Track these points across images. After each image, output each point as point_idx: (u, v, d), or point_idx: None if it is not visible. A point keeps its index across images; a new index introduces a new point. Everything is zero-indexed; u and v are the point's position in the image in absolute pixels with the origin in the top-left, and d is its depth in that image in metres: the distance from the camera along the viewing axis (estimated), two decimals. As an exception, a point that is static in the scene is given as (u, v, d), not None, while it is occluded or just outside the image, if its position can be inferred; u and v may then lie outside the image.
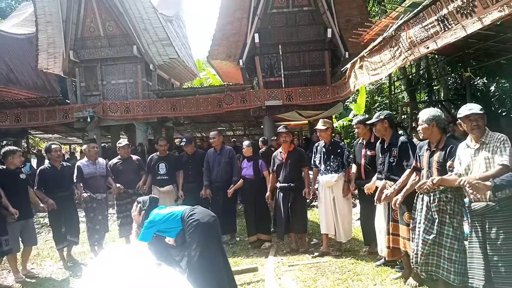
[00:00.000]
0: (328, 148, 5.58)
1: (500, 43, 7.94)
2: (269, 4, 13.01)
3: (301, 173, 5.83)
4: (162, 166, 6.73)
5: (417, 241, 3.80)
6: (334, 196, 5.45)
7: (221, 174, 6.52)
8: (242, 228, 7.60)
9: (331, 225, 5.46)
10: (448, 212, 3.65)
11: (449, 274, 3.58)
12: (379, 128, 4.54)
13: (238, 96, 12.97)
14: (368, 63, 7.61)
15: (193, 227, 3.59)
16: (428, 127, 3.79)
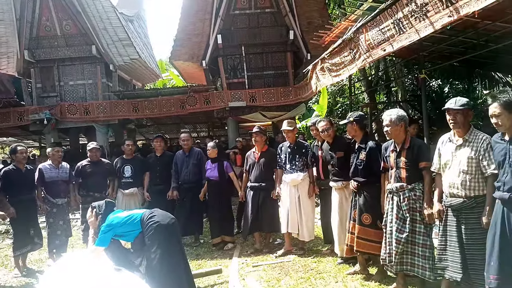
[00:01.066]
0: (293, 148, 5.66)
1: (452, 46, 8.28)
2: (232, 5, 13.01)
3: (272, 173, 5.88)
4: (127, 169, 6.60)
5: (390, 241, 3.86)
6: (299, 195, 5.51)
7: (189, 176, 6.47)
8: (207, 230, 7.56)
9: (295, 224, 5.51)
10: (418, 209, 3.74)
11: (425, 271, 3.68)
12: (349, 130, 4.63)
13: (202, 97, 12.88)
14: (329, 64, 7.75)
15: (153, 229, 3.56)
16: (397, 128, 3.84)
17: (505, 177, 3.00)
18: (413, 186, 3.76)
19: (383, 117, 4.04)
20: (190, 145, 6.71)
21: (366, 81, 14.32)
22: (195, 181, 6.44)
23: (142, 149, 13.67)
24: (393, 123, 3.84)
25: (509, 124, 3.01)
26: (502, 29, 6.68)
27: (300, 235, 5.56)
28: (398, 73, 14.40)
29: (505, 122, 3.01)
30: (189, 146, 6.65)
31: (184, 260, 3.82)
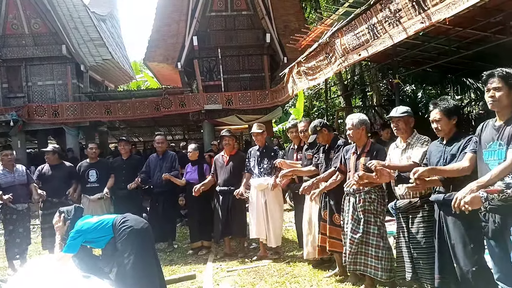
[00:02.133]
0: (262, 151, 5.64)
1: (425, 52, 8.46)
2: (208, 7, 12.90)
3: (241, 177, 5.80)
4: (92, 173, 6.36)
5: (345, 241, 4.00)
6: (266, 199, 5.46)
7: (161, 180, 6.32)
8: (181, 235, 7.44)
9: (262, 230, 5.46)
10: (372, 211, 3.88)
11: (377, 271, 3.79)
12: (321, 138, 4.66)
13: (177, 99, 12.70)
14: (305, 68, 7.76)
15: (126, 234, 3.45)
16: (358, 131, 4.00)
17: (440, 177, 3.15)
18: (369, 188, 3.88)
19: (346, 121, 4.16)
20: (165, 148, 6.58)
21: (342, 85, 14.49)
22: (168, 185, 6.30)
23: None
24: (354, 126, 4.00)
25: (447, 129, 3.19)
26: (472, 36, 6.86)
27: (267, 241, 5.50)
28: (373, 78, 14.64)
29: (444, 127, 3.19)
30: (163, 148, 6.52)
31: (158, 266, 3.74)
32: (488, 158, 2.75)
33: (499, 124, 2.73)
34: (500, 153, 2.67)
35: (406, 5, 4.21)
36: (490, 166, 2.71)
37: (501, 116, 2.73)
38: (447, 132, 3.20)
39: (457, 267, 3.05)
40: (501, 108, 2.70)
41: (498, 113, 2.75)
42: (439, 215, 3.19)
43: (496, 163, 2.67)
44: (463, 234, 2.99)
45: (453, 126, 3.20)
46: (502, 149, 2.65)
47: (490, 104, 2.73)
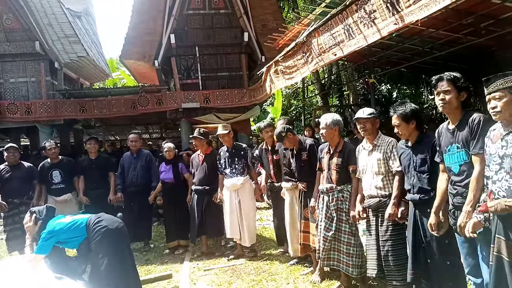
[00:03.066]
0: (231, 151, 5.62)
1: (400, 53, 8.64)
2: (185, 5, 12.79)
3: (217, 176, 5.79)
4: (55, 174, 6.15)
5: (319, 238, 4.08)
6: (240, 199, 5.48)
7: (136, 178, 6.25)
8: (157, 234, 7.38)
9: (236, 229, 5.47)
10: (344, 210, 3.98)
11: (348, 267, 3.90)
12: (288, 143, 4.70)
13: (154, 98, 12.55)
14: (282, 67, 7.81)
15: (100, 234, 3.40)
16: (332, 131, 4.07)
17: (413, 180, 3.26)
18: (342, 187, 3.99)
19: (320, 121, 4.21)
20: (139, 147, 6.49)
21: (320, 84, 14.65)
22: (143, 184, 6.23)
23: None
24: (328, 126, 4.07)
25: (408, 132, 3.29)
26: (445, 37, 7.04)
27: (242, 240, 5.52)
28: (349, 77, 14.84)
29: (404, 131, 3.29)
30: (137, 147, 6.43)
31: (133, 266, 3.69)
32: (450, 161, 2.86)
33: (452, 127, 2.85)
34: (460, 155, 2.77)
35: (380, 6, 4.29)
36: (453, 168, 2.82)
37: (453, 119, 2.85)
38: (408, 135, 3.30)
39: (431, 262, 3.14)
40: (451, 110, 2.81)
41: (449, 115, 2.87)
42: (415, 213, 3.27)
43: (457, 166, 2.78)
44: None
45: (412, 129, 3.28)
46: (461, 151, 2.76)
47: (441, 107, 2.84)
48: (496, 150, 2.40)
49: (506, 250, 2.32)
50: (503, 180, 2.33)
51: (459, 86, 2.76)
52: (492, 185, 2.41)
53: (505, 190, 2.32)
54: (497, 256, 2.38)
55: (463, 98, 2.78)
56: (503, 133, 2.39)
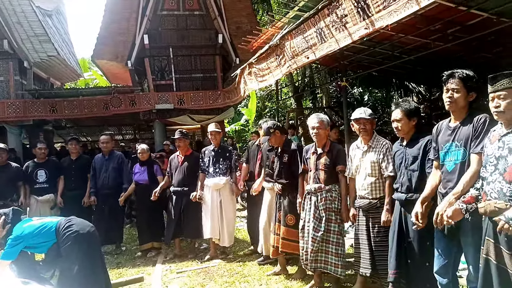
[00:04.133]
0: (217, 151, 5.63)
1: (371, 57, 8.80)
2: (159, 6, 12.70)
3: (196, 178, 5.77)
4: (41, 174, 6.08)
5: (307, 239, 4.02)
6: (221, 199, 5.49)
7: (108, 180, 6.15)
8: (129, 236, 7.28)
9: (216, 229, 5.47)
10: (333, 209, 3.96)
11: (337, 268, 3.88)
12: (273, 140, 4.70)
13: (127, 98, 12.40)
14: (256, 69, 7.84)
15: (71, 239, 3.32)
16: (326, 131, 4.07)
17: (402, 178, 3.28)
18: (330, 187, 3.98)
19: (310, 119, 4.18)
20: (110, 148, 6.40)
21: (293, 87, 14.75)
22: (115, 186, 6.14)
23: (60, 152, 12.80)
24: (324, 125, 4.05)
25: (407, 129, 3.28)
26: (414, 42, 7.22)
27: (221, 240, 5.53)
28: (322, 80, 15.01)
29: (404, 127, 3.26)
30: (109, 148, 6.34)
31: (104, 270, 3.63)
32: (445, 159, 2.81)
33: (454, 125, 2.78)
34: (457, 153, 2.71)
35: (351, 11, 4.37)
36: (448, 166, 2.78)
37: (457, 117, 2.77)
38: (407, 132, 3.28)
39: (411, 262, 3.19)
40: (457, 109, 2.74)
41: (453, 113, 2.79)
42: (400, 213, 3.29)
43: (452, 164, 2.73)
44: (421, 232, 3.08)
45: (412, 127, 3.27)
46: (458, 150, 2.71)
47: (447, 104, 2.75)
48: (493, 151, 2.35)
49: (494, 253, 2.30)
50: (496, 182, 2.29)
51: (469, 85, 2.67)
52: (486, 186, 2.37)
53: (497, 192, 2.28)
54: (485, 259, 2.36)
55: (471, 99, 2.71)
56: (501, 134, 2.34)
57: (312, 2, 5.89)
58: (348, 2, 4.31)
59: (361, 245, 3.74)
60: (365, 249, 3.69)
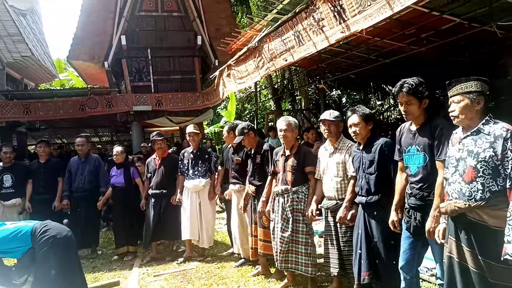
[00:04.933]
0: (196, 153, 5.63)
1: (349, 60, 8.94)
2: (137, 7, 12.54)
3: (174, 180, 5.76)
4: (7, 178, 5.93)
5: (276, 240, 4.08)
6: (201, 201, 5.49)
7: (83, 183, 6.04)
8: (106, 240, 7.17)
9: (195, 231, 5.47)
10: (300, 210, 4.02)
11: (307, 268, 3.95)
12: (247, 141, 4.74)
13: (104, 100, 12.17)
14: (235, 71, 7.85)
15: (48, 244, 3.23)
16: (294, 133, 4.13)
17: (361, 182, 3.39)
18: (297, 188, 4.04)
19: (279, 122, 4.26)
20: (86, 150, 6.29)
21: (272, 89, 14.80)
22: (91, 189, 6.05)
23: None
24: (291, 128, 4.12)
25: (365, 133, 3.40)
26: (390, 46, 7.38)
27: (200, 242, 5.53)
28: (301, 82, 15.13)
29: (362, 131, 3.39)
30: (85, 151, 6.23)
31: (81, 275, 3.56)
32: (408, 162, 2.92)
33: (414, 129, 2.91)
34: (418, 157, 2.83)
35: (328, 15, 4.43)
36: (411, 169, 2.89)
37: (416, 122, 2.90)
38: (364, 136, 3.40)
39: (379, 262, 3.27)
40: (415, 118, 2.88)
41: (413, 120, 2.93)
42: (364, 215, 3.39)
43: (415, 167, 2.85)
44: (385, 232, 3.20)
45: (369, 131, 3.40)
46: (419, 154, 2.81)
47: (405, 116, 2.91)
48: (454, 153, 2.46)
49: (456, 251, 2.41)
50: (456, 183, 2.39)
51: (419, 96, 2.78)
52: (447, 186, 2.49)
53: (457, 192, 2.38)
54: (448, 256, 2.47)
55: (425, 105, 2.81)
56: (461, 136, 2.45)
57: (290, 5, 5.93)
58: (325, 6, 4.37)
59: (329, 245, 3.82)
60: (333, 249, 3.78)
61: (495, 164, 2.24)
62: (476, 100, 2.36)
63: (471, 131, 2.38)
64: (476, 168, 2.28)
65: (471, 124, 2.40)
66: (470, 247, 2.32)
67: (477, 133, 2.35)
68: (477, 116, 2.38)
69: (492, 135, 2.28)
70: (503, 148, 2.21)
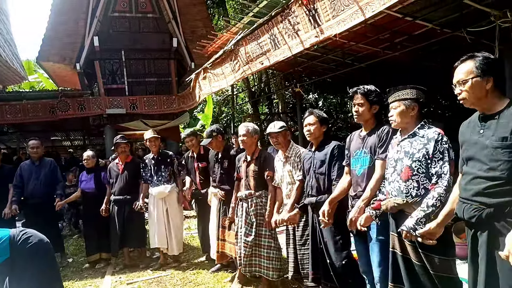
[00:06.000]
0: (157, 159, 5.54)
1: (325, 63, 9.00)
2: (110, 7, 12.29)
3: (138, 185, 5.62)
4: None
5: (240, 244, 4.13)
6: (168, 207, 5.41)
7: (39, 188, 5.73)
8: (77, 247, 6.95)
9: (163, 238, 5.38)
10: (264, 214, 4.06)
11: (269, 271, 4.01)
12: (214, 144, 4.71)
13: (75, 102, 11.88)
14: (211, 74, 7.78)
15: (32, 253, 3.03)
16: (252, 139, 4.18)
17: (311, 182, 3.49)
18: (260, 193, 4.11)
19: (239, 129, 4.31)
20: (41, 154, 5.99)
21: (250, 92, 14.79)
22: (48, 194, 5.76)
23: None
24: (249, 134, 4.16)
25: (318, 134, 3.51)
26: (365, 50, 7.46)
27: (169, 249, 5.44)
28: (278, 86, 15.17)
29: (316, 131, 3.49)
30: (39, 154, 5.92)
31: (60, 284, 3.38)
32: (355, 165, 3.07)
33: (364, 134, 3.07)
34: (365, 160, 2.99)
35: (303, 19, 4.44)
36: (357, 171, 3.03)
37: (366, 128, 3.07)
38: (317, 137, 3.50)
39: (329, 262, 3.35)
40: (364, 121, 3.04)
41: (363, 125, 3.09)
42: (312, 216, 3.48)
43: (361, 169, 2.99)
44: (333, 233, 3.32)
45: (322, 133, 3.52)
46: (366, 157, 2.98)
47: (355, 117, 3.05)
48: (393, 155, 2.66)
49: (399, 245, 2.58)
50: (395, 181, 2.61)
51: (371, 99, 2.96)
52: (387, 185, 2.69)
53: (396, 190, 2.59)
54: (392, 252, 2.64)
55: (375, 111, 2.99)
56: (400, 139, 2.66)
57: (266, 9, 5.92)
58: (301, 10, 4.37)
59: (288, 248, 3.91)
60: (290, 252, 3.86)
61: (427, 163, 2.47)
62: (411, 106, 2.59)
63: (408, 134, 2.61)
64: (412, 167, 2.51)
65: (408, 127, 2.62)
66: (411, 241, 2.48)
67: (413, 136, 2.58)
68: (413, 121, 2.61)
69: (425, 137, 2.52)
70: (434, 149, 2.46)
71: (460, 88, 2.11)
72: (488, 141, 2.00)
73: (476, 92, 2.05)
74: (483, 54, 2.08)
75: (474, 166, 2.07)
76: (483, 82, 2.03)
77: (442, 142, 2.45)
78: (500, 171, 1.93)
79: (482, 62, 2.05)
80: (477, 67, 2.05)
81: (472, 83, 2.05)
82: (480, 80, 2.04)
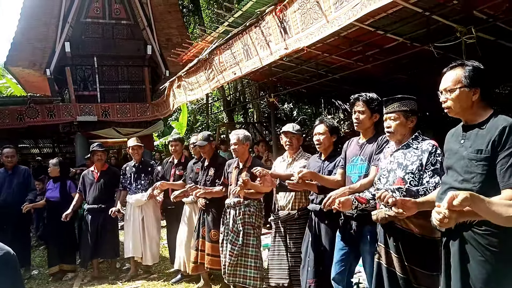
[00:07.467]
0: (138, 167, 5.46)
1: (299, 74, 9.08)
2: (83, 13, 12.07)
3: (113, 194, 5.50)
4: None
5: (225, 253, 4.03)
6: (144, 216, 5.31)
7: (12, 197, 5.56)
8: (43, 259, 6.70)
9: (138, 247, 5.27)
10: (251, 223, 4.01)
11: (256, 281, 3.91)
12: (206, 148, 4.63)
13: (45, 109, 11.55)
14: (185, 83, 7.73)
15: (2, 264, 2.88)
16: (244, 146, 4.11)
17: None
18: (249, 202, 4.03)
19: (230, 136, 4.24)
20: (15, 162, 5.82)
21: (225, 101, 14.76)
22: (19, 204, 5.54)
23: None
24: (240, 141, 4.10)
25: (328, 143, 3.46)
26: (338, 62, 7.57)
27: (143, 259, 5.31)
28: (253, 95, 15.22)
29: (325, 141, 3.44)
30: (13, 163, 5.75)
31: None
32: (351, 171, 3.04)
33: (362, 141, 3.05)
34: (361, 167, 2.96)
35: (275, 30, 4.47)
36: (352, 178, 2.99)
37: (364, 135, 3.06)
38: (327, 147, 3.45)
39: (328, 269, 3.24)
40: (364, 129, 3.01)
41: (362, 133, 3.07)
42: (314, 223, 3.42)
43: (357, 176, 2.97)
44: (332, 240, 3.25)
45: (331, 143, 3.47)
46: (363, 164, 2.95)
47: (355, 125, 3.02)
48: (386, 165, 2.62)
49: (385, 257, 2.54)
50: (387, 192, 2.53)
51: (372, 108, 2.93)
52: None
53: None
54: (377, 262, 2.60)
55: (375, 119, 2.97)
56: (393, 150, 2.63)
57: (241, 19, 5.93)
58: (273, 22, 4.40)
59: (278, 256, 3.83)
60: (282, 260, 3.78)
61: (420, 175, 2.44)
62: (410, 118, 2.55)
63: (402, 145, 2.58)
64: (404, 179, 2.47)
65: (402, 139, 2.59)
66: (398, 254, 2.46)
67: (407, 147, 2.55)
68: (409, 132, 2.58)
69: (420, 149, 2.49)
70: (427, 161, 2.43)
71: (446, 96, 2.06)
72: (465, 152, 1.98)
73: (462, 102, 2.01)
74: (473, 63, 2.03)
75: (451, 176, 2.06)
76: (470, 93, 1.99)
77: (436, 154, 2.43)
78: (472, 183, 1.91)
79: (471, 71, 1.99)
80: (465, 77, 1.99)
81: (459, 93, 2.00)
82: (468, 91, 1.99)
